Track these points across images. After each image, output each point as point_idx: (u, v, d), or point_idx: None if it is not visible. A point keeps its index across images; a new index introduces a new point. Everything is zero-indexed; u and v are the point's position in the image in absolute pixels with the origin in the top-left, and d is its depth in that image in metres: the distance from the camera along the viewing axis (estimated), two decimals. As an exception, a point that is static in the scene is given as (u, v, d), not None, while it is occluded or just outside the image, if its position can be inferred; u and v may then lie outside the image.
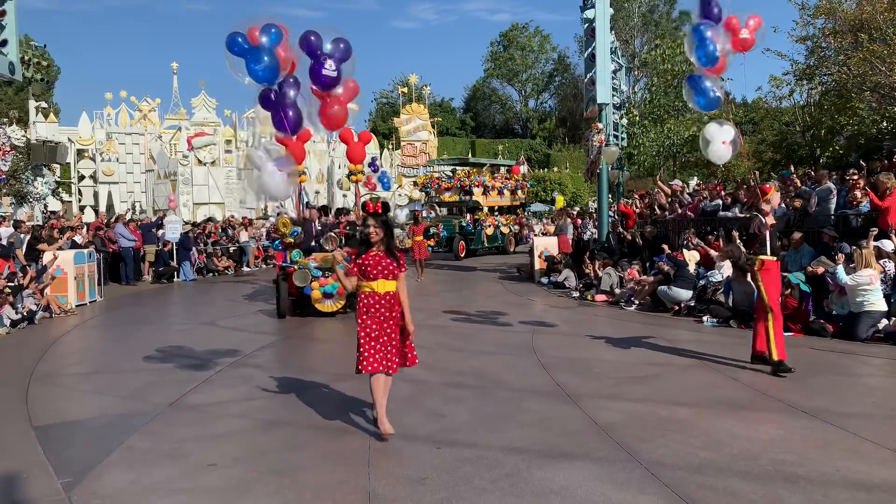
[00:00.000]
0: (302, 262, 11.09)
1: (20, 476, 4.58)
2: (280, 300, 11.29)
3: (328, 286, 10.89)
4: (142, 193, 32.99)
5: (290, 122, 6.16)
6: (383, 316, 5.18)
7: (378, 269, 5.18)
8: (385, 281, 5.19)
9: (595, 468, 4.54)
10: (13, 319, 10.50)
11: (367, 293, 5.22)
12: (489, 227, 24.51)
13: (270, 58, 6.01)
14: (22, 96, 39.58)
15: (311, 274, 10.94)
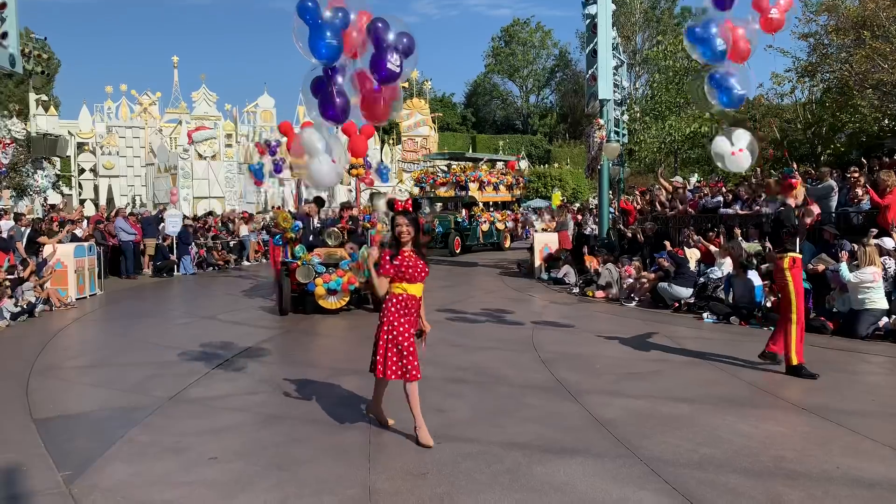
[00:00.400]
0: (305, 258, 10.87)
1: (20, 469, 4.59)
2: (283, 297, 11.08)
3: (332, 282, 10.68)
4: (142, 187, 32.95)
5: (339, 109, 5.71)
6: (409, 322, 5.01)
7: (417, 270, 4.98)
8: (420, 284, 5.03)
9: (595, 464, 4.54)
10: (13, 312, 10.50)
11: (402, 296, 4.98)
12: (485, 223, 24.31)
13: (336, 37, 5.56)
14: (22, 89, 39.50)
15: (315, 270, 10.74)
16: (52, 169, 25.23)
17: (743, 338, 8.91)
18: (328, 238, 11.43)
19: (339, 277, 10.66)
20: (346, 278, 10.68)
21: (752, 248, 11.75)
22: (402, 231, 4.96)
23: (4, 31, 13.80)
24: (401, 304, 4.99)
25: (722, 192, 14.86)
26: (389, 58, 5.54)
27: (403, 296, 4.99)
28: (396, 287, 4.98)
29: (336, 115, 5.71)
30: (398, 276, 4.96)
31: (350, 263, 10.75)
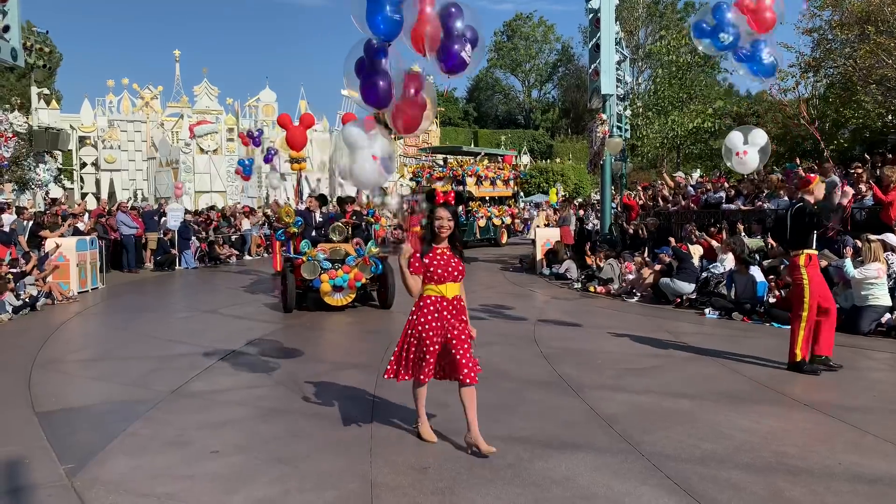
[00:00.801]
0: (311, 254, 10.61)
1: (23, 462, 4.59)
2: (287, 293, 10.80)
3: (338, 278, 10.46)
4: (143, 181, 32.96)
5: (382, 93, 5.21)
6: (450, 325, 4.60)
7: (448, 270, 4.59)
8: (454, 284, 4.64)
9: (597, 459, 4.54)
10: (15, 306, 10.52)
11: (433, 298, 4.61)
12: (482, 219, 24.02)
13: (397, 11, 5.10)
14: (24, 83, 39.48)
15: (321, 266, 10.51)
16: (53, 163, 25.24)
17: (745, 333, 8.91)
18: (332, 233, 11.24)
19: (345, 274, 10.45)
20: (352, 274, 10.48)
21: (754, 243, 11.74)
22: (442, 226, 4.56)
23: (6, 25, 13.77)
24: (433, 309, 4.60)
25: (724, 187, 14.85)
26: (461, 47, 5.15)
27: (433, 298, 4.61)
28: (428, 288, 4.62)
29: (378, 100, 5.26)
30: (427, 276, 4.59)
31: (356, 259, 10.57)
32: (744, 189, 14.27)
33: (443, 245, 4.63)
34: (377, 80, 5.19)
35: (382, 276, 10.90)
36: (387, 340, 8.54)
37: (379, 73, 5.22)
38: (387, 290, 11.00)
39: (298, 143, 12.55)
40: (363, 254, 10.59)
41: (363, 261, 10.50)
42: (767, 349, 7.75)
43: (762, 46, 7.33)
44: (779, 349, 7.72)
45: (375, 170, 5.36)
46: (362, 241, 11.08)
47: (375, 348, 8.16)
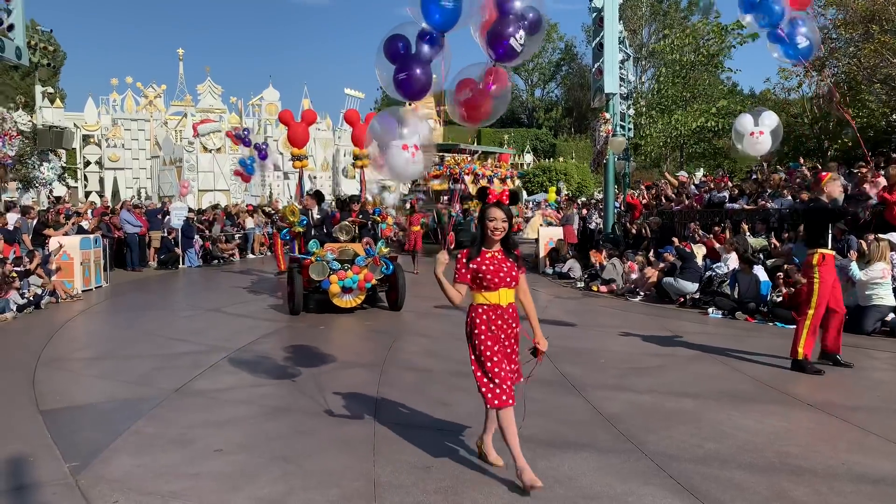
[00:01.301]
0: (320, 254, 10.23)
1: (28, 460, 4.61)
2: (295, 295, 10.37)
3: (347, 280, 10.12)
4: (147, 179, 33.04)
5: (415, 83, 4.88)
6: (505, 334, 4.20)
7: (500, 275, 4.13)
8: (507, 290, 4.18)
9: (600, 458, 4.54)
10: (19, 304, 10.54)
11: (485, 307, 4.16)
12: None
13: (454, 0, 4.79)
14: (28, 81, 39.62)
15: (330, 267, 10.14)
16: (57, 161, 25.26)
17: (748, 333, 8.90)
18: (339, 233, 11.00)
19: (354, 275, 10.14)
20: (362, 275, 10.17)
21: (758, 243, 11.73)
22: (496, 227, 4.10)
23: (11, 24, 13.82)
24: (486, 318, 4.16)
25: (727, 186, 14.84)
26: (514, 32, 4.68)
27: (488, 307, 4.16)
28: (480, 298, 4.18)
29: (413, 92, 4.97)
30: (476, 284, 4.16)
31: (366, 259, 10.29)
32: (747, 188, 14.26)
33: (494, 248, 4.17)
34: (417, 71, 4.86)
35: (392, 277, 10.61)
36: (391, 339, 8.55)
37: (420, 63, 4.90)
38: (397, 292, 10.72)
39: (300, 139, 12.29)
40: (373, 254, 10.34)
41: (373, 261, 10.25)
42: (771, 349, 7.74)
43: (799, 26, 7.12)
44: (783, 349, 7.71)
45: (409, 160, 4.95)
46: (372, 240, 10.81)
47: (379, 347, 8.16)
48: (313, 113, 13.11)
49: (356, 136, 13.10)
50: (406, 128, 4.98)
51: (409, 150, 4.95)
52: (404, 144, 4.94)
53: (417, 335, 9.02)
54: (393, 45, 5.02)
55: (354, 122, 13.13)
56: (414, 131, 5.00)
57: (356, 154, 13.35)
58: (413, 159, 4.98)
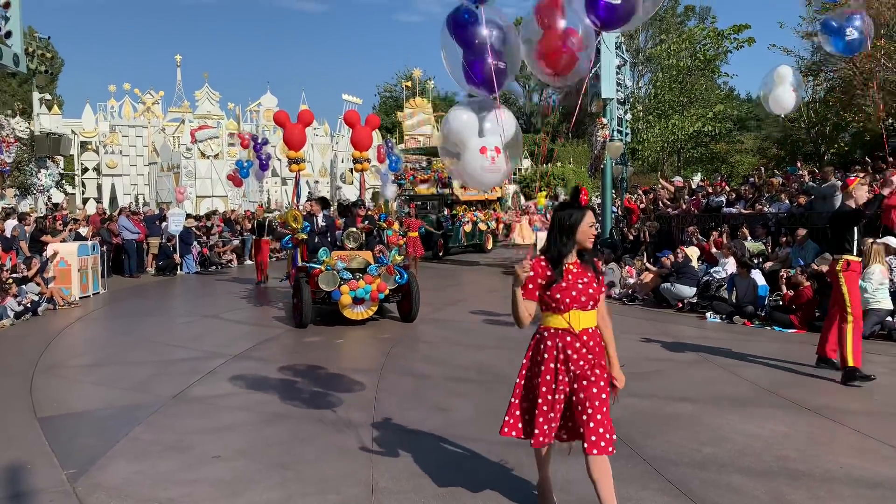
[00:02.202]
0: (329, 263, 9.60)
1: (25, 467, 4.60)
2: (303, 306, 9.66)
3: (359, 290, 9.46)
4: (145, 186, 33.01)
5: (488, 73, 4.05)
6: (579, 369, 3.46)
7: (573, 294, 3.39)
8: (583, 312, 3.43)
9: (598, 463, 4.53)
10: (17, 311, 10.52)
11: (553, 331, 3.48)
12: (467, 224, 22.54)
13: None
14: (26, 88, 39.60)
15: (340, 276, 9.47)
16: (55, 168, 25.27)
17: (746, 337, 8.90)
18: (347, 240, 10.44)
19: (367, 284, 9.47)
20: (375, 285, 9.54)
21: (756, 247, 11.75)
22: (588, 236, 3.45)
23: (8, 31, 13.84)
24: (553, 345, 3.48)
25: (725, 191, 14.88)
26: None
27: (553, 331, 3.48)
28: (550, 320, 3.50)
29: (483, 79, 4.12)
30: (548, 303, 3.47)
31: (379, 268, 9.66)
32: (744, 192, 14.30)
33: (570, 259, 3.47)
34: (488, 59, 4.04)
35: (405, 287, 10.00)
36: (389, 345, 8.54)
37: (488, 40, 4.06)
38: (411, 302, 10.08)
39: (297, 142, 11.65)
40: (387, 262, 9.74)
41: (387, 270, 9.64)
42: (769, 353, 7.75)
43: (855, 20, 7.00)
44: (781, 352, 7.74)
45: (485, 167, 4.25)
46: (385, 248, 10.24)
47: (377, 353, 8.16)
48: (310, 113, 12.48)
49: (356, 139, 12.54)
50: (487, 124, 4.23)
51: (487, 155, 4.22)
52: (482, 147, 4.23)
53: (416, 341, 9.02)
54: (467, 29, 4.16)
55: (354, 124, 12.51)
56: (496, 130, 4.21)
57: (355, 157, 12.74)
58: (491, 166, 4.25)
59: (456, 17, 4.16)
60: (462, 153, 4.28)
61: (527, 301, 3.46)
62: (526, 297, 3.46)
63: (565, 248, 3.43)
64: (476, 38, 4.11)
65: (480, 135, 4.25)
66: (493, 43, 4.10)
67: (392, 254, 9.94)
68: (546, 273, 3.43)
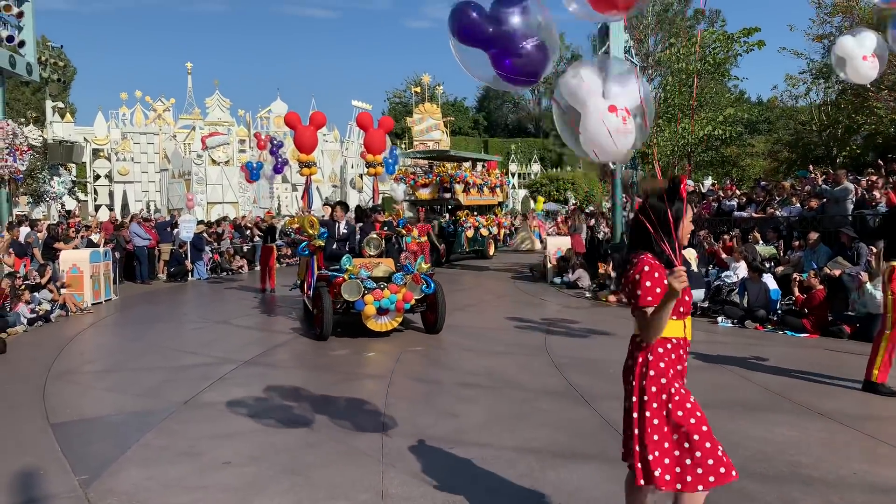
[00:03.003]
0: (353, 271, 9.09)
1: (38, 472, 4.63)
2: (324, 317, 9.05)
3: (384, 300, 8.94)
4: (156, 192, 33.23)
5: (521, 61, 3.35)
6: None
7: (687, 296, 3.08)
8: (688, 318, 3.14)
9: (610, 469, 4.51)
10: (30, 318, 10.61)
11: (675, 343, 3.05)
12: (470, 229, 21.89)
13: None
14: (39, 96, 40.00)
15: (364, 285, 8.98)
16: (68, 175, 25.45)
17: (758, 342, 8.85)
18: (368, 246, 9.99)
19: (392, 294, 8.99)
20: (400, 295, 9.05)
21: (767, 251, 11.68)
22: (687, 232, 3.08)
23: (22, 40, 14.03)
24: (672, 359, 3.04)
25: (736, 195, 14.81)
26: None
27: (675, 342, 3.06)
28: (674, 328, 3.06)
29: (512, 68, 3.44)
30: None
31: (405, 277, 9.18)
32: (756, 196, 14.23)
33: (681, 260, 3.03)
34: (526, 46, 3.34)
35: (431, 296, 9.52)
36: (399, 350, 8.53)
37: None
38: (437, 312, 9.57)
39: (308, 144, 11.32)
40: (413, 270, 9.30)
41: (413, 279, 9.19)
42: (781, 357, 7.70)
43: None
44: (792, 357, 7.69)
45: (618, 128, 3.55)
46: (411, 255, 9.78)
47: (387, 358, 8.16)
48: (322, 115, 11.98)
49: (369, 142, 12.17)
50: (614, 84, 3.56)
51: (617, 115, 3.52)
52: (611, 106, 3.53)
53: (425, 346, 9.01)
54: None
55: (367, 127, 12.17)
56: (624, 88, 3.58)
57: (369, 161, 12.30)
58: (623, 127, 3.59)
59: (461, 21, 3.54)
60: (584, 117, 3.59)
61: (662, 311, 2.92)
62: (642, 305, 2.98)
63: (673, 245, 2.95)
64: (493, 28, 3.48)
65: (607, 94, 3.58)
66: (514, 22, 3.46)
67: (418, 262, 9.56)
68: (654, 272, 2.96)
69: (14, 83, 33.30)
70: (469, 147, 52.37)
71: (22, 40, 13.96)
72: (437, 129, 39.56)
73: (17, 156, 13.80)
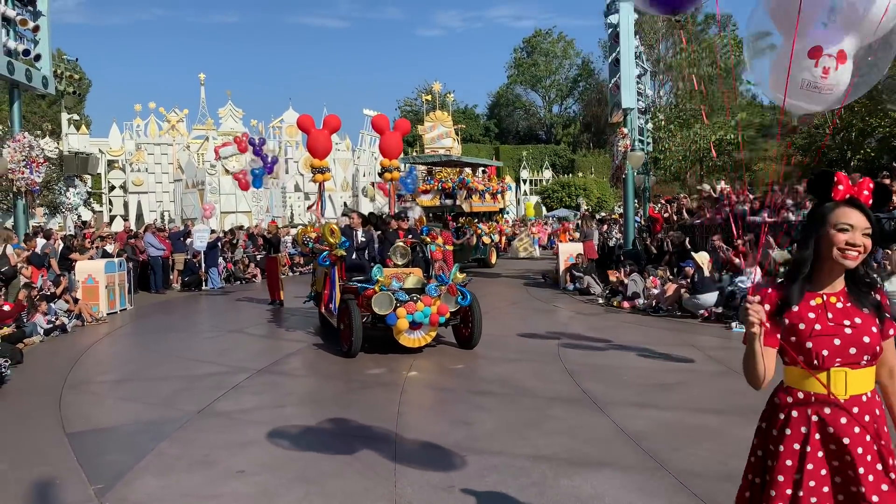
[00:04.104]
0: (385, 283, 8.49)
1: (54, 482, 4.66)
2: (353, 332, 8.37)
3: (417, 313, 8.30)
4: (170, 203, 33.50)
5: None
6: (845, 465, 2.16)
7: (839, 340, 2.18)
8: (853, 371, 2.18)
9: (623, 477, 4.49)
10: (46, 328, 10.70)
11: (802, 397, 2.25)
12: (472, 237, 21.32)
13: None
14: (55, 109, 40.50)
15: (396, 297, 8.36)
16: (83, 186, 25.72)
17: (773, 347, 8.77)
18: (394, 255, 9.41)
19: (426, 307, 8.35)
20: (435, 308, 8.40)
21: (782, 256, 11.58)
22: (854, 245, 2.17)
23: (38, 54, 14.21)
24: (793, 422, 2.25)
25: (749, 199, 14.70)
26: None
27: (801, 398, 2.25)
28: (791, 373, 2.31)
29: None
30: (791, 352, 2.25)
31: (439, 288, 8.57)
32: (769, 200, 14.11)
33: (831, 286, 2.26)
34: None
35: (467, 309, 8.85)
36: (411, 358, 8.52)
37: None
38: (472, 327, 8.83)
39: (322, 149, 10.78)
40: (448, 281, 8.67)
41: (448, 290, 8.56)
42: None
43: None
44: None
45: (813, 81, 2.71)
46: (445, 265, 9.24)
47: (400, 366, 8.16)
48: (336, 118, 11.28)
49: (384, 146, 11.64)
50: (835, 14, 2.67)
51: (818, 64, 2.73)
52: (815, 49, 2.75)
53: (437, 354, 9.01)
54: None
55: (383, 130, 11.67)
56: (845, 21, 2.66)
57: (384, 165, 11.69)
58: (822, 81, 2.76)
59: None
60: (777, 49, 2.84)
61: (766, 349, 2.23)
62: (766, 345, 2.23)
63: (802, 259, 2.28)
64: None
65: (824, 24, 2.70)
66: None
67: (453, 271, 8.95)
68: (777, 301, 2.28)
69: (30, 96, 33.74)
70: (481, 154, 52.43)
71: (38, 54, 14.14)
72: (447, 137, 39.62)
73: (34, 168, 13.95)
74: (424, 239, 10.27)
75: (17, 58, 13.47)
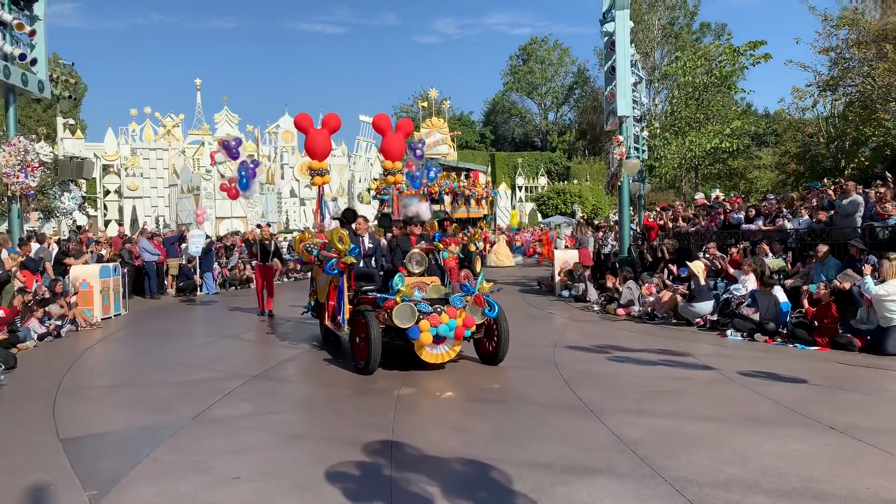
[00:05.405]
0: (406, 293, 7.79)
1: (48, 488, 4.64)
2: (372, 346, 7.70)
3: (442, 326, 7.63)
4: (165, 208, 33.46)
5: None
6: None
7: None
8: None
9: (619, 484, 4.49)
10: (40, 333, 10.66)
11: None
12: (467, 243, 20.42)
13: None
14: (50, 113, 40.44)
15: (419, 309, 7.69)
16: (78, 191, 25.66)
17: (768, 355, 8.80)
18: (410, 263, 8.53)
19: (451, 319, 7.68)
20: (460, 320, 7.74)
21: (776, 264, 11.63)
22: None
23: (34, 58, 14.18)
24: None
25: (743, 207, 14.77)
26: None
27: None
28: None
29: None
30: None
31: (465, 298, 7.89)
32: (764, 208, 14.18)
33: None
34: None
35: (491, 322, 8.27)
36: (407, 364, 8.50)
37: None
38: (498, 341, 8.24)
39: (320, 149, 10.23)
40: (474, 291, 7.97)
41: (475, 301, 7.92)
42: (791, 370, 7.65)
43: None
44: (803, 370, 7.64)
45: None
46: (471, 273, 8.48)
47: (396, 373, 8.15)
48: (337, 118, 10.63)
49: (386, 147, 11.14)
50: None
51: None
52: None
53: (434, 360, 8.99)
54: None
55: (385, 131, 11.11)
56: None
57: (386, 168, 11.20)
58: None
59: None
60: None
61: None
62: None
63: None
64: None
65: None
66: None
67: (479, 279, 8.17)
68: None
69: (26, 100, 33.68)
70: (476, 160, 52.46)
71: (34, 58, 14.11)
72: (443, 144, 39.68)
73: (29, 172, 13.88)
74: (438, 245, 9.73)
75: (13, 62, 13.44)
